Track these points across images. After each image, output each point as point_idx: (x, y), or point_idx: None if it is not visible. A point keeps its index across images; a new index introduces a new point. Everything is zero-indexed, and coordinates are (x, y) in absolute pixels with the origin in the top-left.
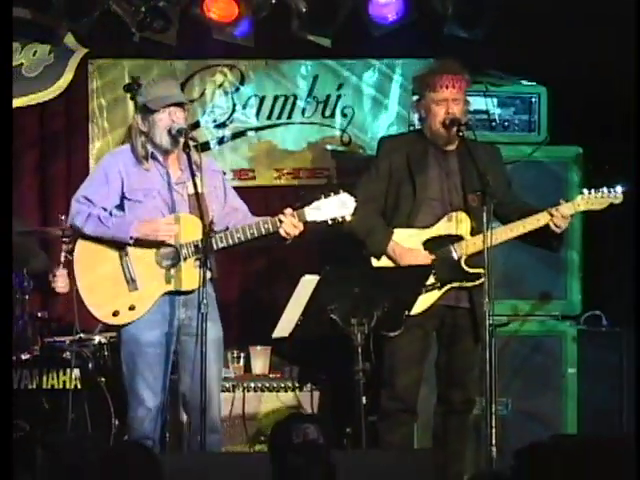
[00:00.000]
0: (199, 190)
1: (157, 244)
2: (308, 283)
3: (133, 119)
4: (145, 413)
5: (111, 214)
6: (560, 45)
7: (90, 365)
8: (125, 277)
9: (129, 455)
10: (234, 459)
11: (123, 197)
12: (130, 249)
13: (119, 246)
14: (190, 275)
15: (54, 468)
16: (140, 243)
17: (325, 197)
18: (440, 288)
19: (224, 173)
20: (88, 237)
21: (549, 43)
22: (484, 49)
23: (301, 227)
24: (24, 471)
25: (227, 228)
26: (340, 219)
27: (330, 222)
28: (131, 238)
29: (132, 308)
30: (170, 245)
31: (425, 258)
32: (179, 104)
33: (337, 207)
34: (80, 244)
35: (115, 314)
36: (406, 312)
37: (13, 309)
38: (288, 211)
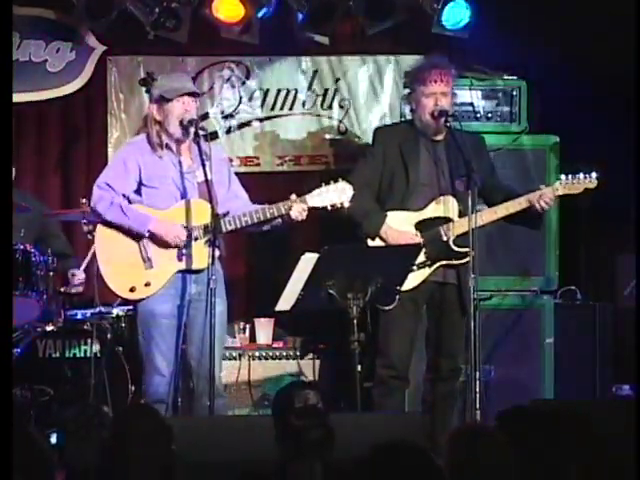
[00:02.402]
0: (209, 177)
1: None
2: (308, 261)
3: (149, 109)
4: (159, 379)
5: (129, 199)
6: (538, 42)
7: (109, 336)
8: (141, 256)
9: (137, 416)
10: (241, 421)
11: (140, 183)
12: None
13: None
14: (200, 254)
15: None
16: (154, 236)
17: (326, 185)
18: (430, 266)
19: (231, 160)
20: (108, 223)
21: (528, 41)
22: (469, 46)
23: (306, 212)
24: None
25: (228, 212)
26: (339, 205)
27: (330, 207)
28: (148, 231)
29: (148, 284)
30: (183, 227)
31: (413, 239)
32: (191, 95)
33: (336, 194)
34: (100, 226)
35: (132, 290)
36: (398, 287)
37: (38, 285)
38: (293, 197)
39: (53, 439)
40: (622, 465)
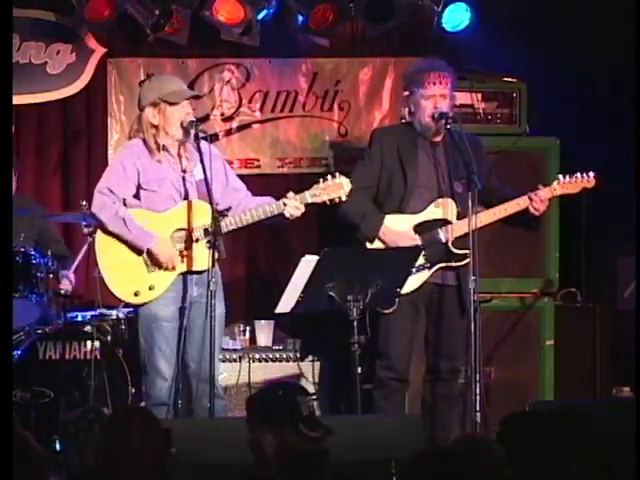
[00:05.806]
0: (208, 176)
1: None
2: (308, 263)
3: (144, 113)
4: (162, 383)
5: (125, 204)
6: (538, 44)
7: (109, 338)
8: (144, 260)
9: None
10: (241, 423)
11: (139, 187)
12: None
13: None
14: (202, 256)
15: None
16: (150, 253)
17: (323, 181)
18: (429, 268)
19: (231, 162)
20: (108, 231)
21: (528, 43)
22: (469, 48)
23: (303, 209)
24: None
25: (230, 207)
26: (337, 200)
27: (329, 203)
28: (147, 250)
29: (151, 288)
30: (183, 229)
31: (412, 239)
32: (194, 98)
33: (334, 188)
34: (100, 231)
35: (136, 294)
36: (398, 290)
37: (38, 287)
38: (290, 194)
39: (57, 445)
40: (622, 465)
